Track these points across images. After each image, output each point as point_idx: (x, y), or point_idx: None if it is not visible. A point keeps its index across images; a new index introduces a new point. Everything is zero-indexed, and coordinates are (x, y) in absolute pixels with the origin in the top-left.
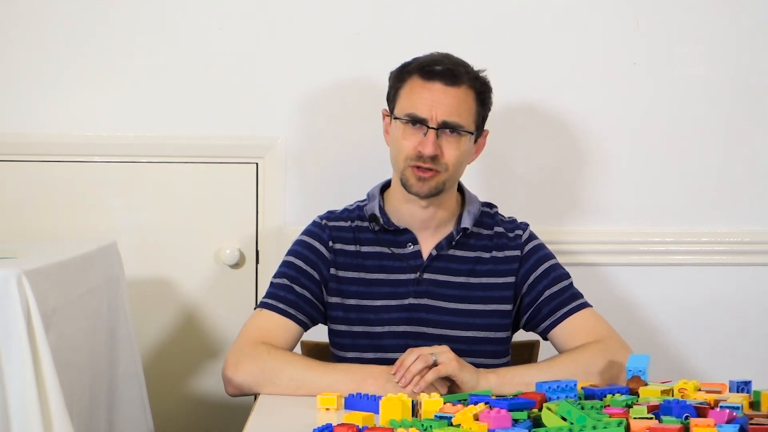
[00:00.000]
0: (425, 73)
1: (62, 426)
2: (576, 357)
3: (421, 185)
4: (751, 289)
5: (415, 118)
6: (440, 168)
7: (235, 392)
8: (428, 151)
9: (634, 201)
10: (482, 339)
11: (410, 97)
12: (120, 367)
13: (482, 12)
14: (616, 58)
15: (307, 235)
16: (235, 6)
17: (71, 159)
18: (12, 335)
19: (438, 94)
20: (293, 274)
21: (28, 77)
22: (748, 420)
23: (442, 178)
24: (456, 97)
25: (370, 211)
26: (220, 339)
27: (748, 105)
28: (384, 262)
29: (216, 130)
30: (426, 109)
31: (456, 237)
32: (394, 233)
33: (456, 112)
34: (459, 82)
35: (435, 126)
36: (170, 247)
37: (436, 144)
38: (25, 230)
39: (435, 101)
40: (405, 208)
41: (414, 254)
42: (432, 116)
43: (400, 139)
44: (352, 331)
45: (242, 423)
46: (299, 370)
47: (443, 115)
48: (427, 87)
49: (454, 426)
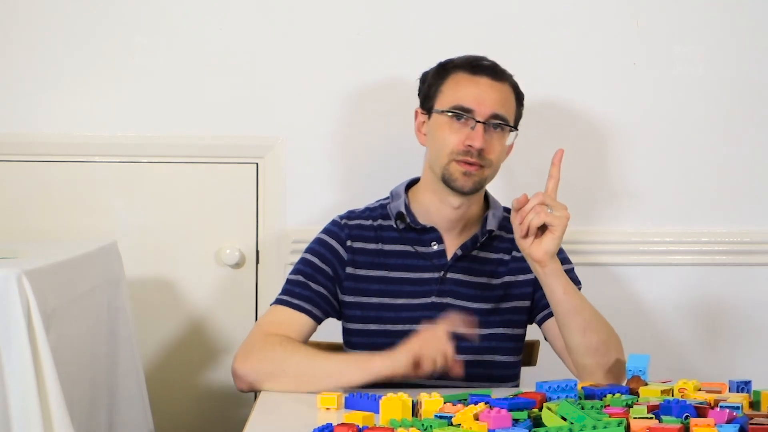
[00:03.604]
0: (472, 67)
1: (62, 426)
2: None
3: (466, 180)
4: (751, 289)
5: (463, 109)
6: (485, 163)
7: (245, 387)
8: (478, 144)
9: (634, 201)
10: (502, 336)
11: (456, 90)
12: (120, 367)
13: (482, 12)
14: (616, 58)
15: (326, 234)
16: (235, 6)
17: (71, 159)
18: (12, 335)
19: (485, 88)
20: (309, 271)
21: (28, 77)
22: (748, 420)
23: (486, 174)
24: (502, 92)
25: (396, 209)
26: (220, 339)
27: (748, 105)
28: (408, 260)
29: (216, 130)
30: (474, 101)
31: (481, 239)
32: (419, 232)
33: (504, 105)
34: (504, 78)
35: (483, 119)
36: (170, 248)
37: (485, 138)
38: (25, 230)
39: (483, 94)
40: (434, 208)
41: (438, 253)
42: (480, 109)
43: (445, 133)
44: (369, 329)
45: (242, 423)
46: (306, 356)
47: (491, 108)
48: (474, 81)
49: (454, 426)
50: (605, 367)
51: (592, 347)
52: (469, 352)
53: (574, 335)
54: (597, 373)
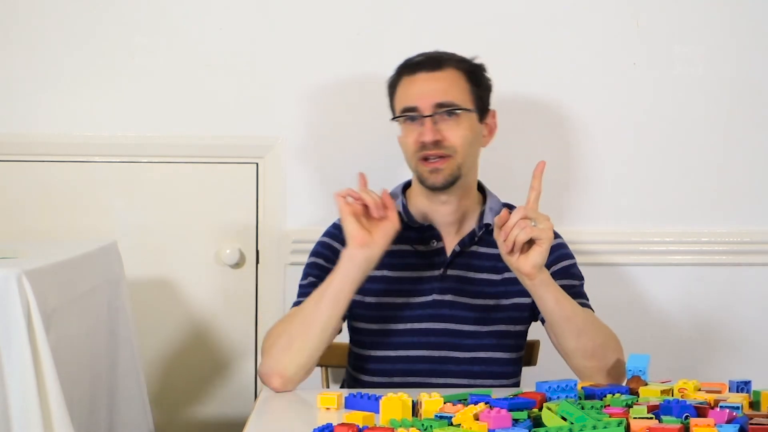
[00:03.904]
0: (408, 68)
1: (62, 426)
2: (600, 323)
3: (435, 176)
4: (751, 289)
5: (408, 109)
6: (448, 152)
7: (276, 383)
8: (428, 138)
9: (634, 201)
10: (504, 332)
11: (401, 94)
12: (120, 367)
13: (482, 12)
14: (616, 58)
15: (327, 236)
16: (235, 6)
17: (71, 159)
18: (12, 335)
19: (423, 82)
20: (317, 272)
21: (28, 77)
22: (747, 420)
23: (454, 164)
24: (442, 79)
25: None
26: (220, 339)
27: (748, 105)
28: (407, 259)
29: (216, 130)
30: (415, 98)
31: (478, 233)
32: (418, 231)
33: (446, 92)
34: (442, 66)
35: (429, 112)
36: (170, 247)
37: (435, 130)
38: (25, 230)
39: (422, 88)
40: (427, 207)
41: (438, 251)
42: (423, 104)
43: (404, 137)
44: (372, 329)
45: (242, 423)
46: (297, 311)
47: (433, 98)
48: (412, 79)
49: (454, 426)
50: (604, 369)
51: (588, 351)
52: (470, 349)
53: (568, 341)
54: (596, 375)
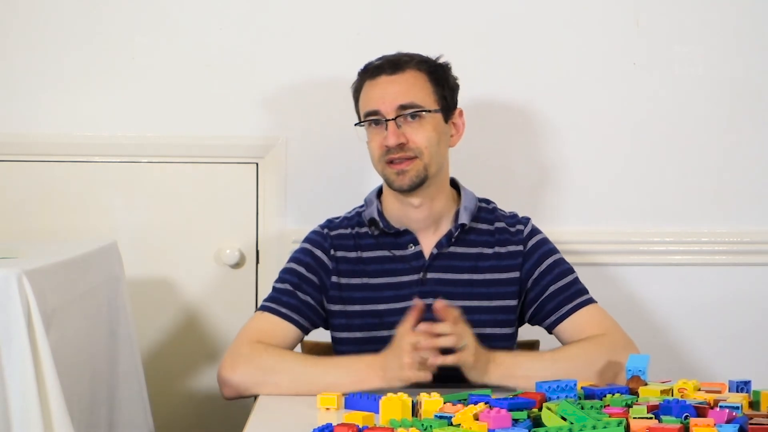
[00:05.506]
0: (369, 72)
1: (62, 426)
2: (579, 351)
3: (402, 179)
4: (751, 289)
5: (370, 113)
6: (413, 154)
7: (232, 394)
8: (391, 142)
9: (634, 201)
10: (488, 336)
11: (363, 99)
12: (120, 367)
13: (482, 12)
14: (616, 58)
15: (309, 243)
16: (235, 6)
17: (71, 159)
18: (12, 335)
19: (384, 85)
20: (295, 280)
21: (28, 77)
22: (747, 420)
23: (420, 165)
24: (403, 81)
25: (369, 215)
26: (220, 339)
27: (748, 105)
28: (386, 265)
29: (216, 130)
30: (377, 102)
31: (455, 233)
32: (394, 236)
33: (407, 94)
34: (402, 68)
35: (392, 116)
36: (170, 247)
37: (398, 133)
38: (25, 230)
39: (383, 92)
40: (400, 210)
41: (416, 255)
42: (385, 107)
43: (369, 142)
44: (356, 337)
45: (242, 423)
46: (298, 366)
47: (394, 101)
48: (373, 83)
49: (454, 426)
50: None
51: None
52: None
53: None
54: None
